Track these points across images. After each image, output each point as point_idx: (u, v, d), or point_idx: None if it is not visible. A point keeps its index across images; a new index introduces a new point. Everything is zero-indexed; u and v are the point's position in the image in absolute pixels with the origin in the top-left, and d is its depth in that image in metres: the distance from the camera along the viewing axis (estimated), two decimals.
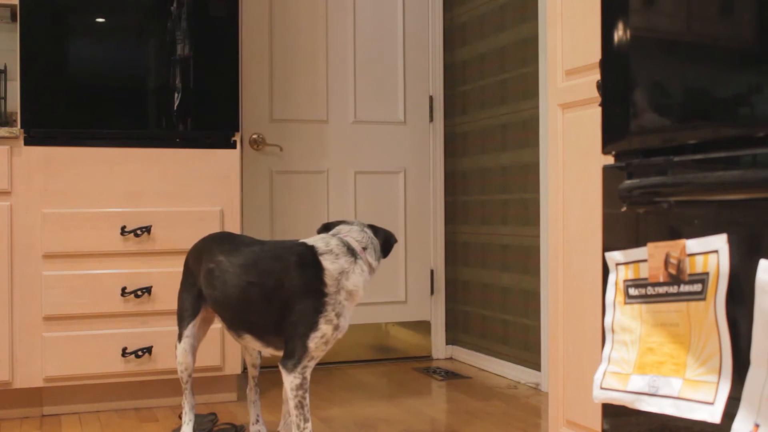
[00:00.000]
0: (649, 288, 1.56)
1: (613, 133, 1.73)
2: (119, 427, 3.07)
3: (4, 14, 3.65)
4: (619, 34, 1.70)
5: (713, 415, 1.41)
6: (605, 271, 1.70)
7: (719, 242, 1.42)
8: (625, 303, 1.62)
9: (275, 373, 3.82)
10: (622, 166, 1.68)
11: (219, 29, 3.40)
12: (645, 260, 1.57)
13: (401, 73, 4.38)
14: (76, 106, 3.26)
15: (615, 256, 1.66)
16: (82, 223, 3.21)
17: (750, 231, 1.39)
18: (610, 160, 1.78)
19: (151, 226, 3.28)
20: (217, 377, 3.42)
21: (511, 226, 3.90)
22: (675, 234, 1.54)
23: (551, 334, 2.47)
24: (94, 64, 3.29)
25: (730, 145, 1.43)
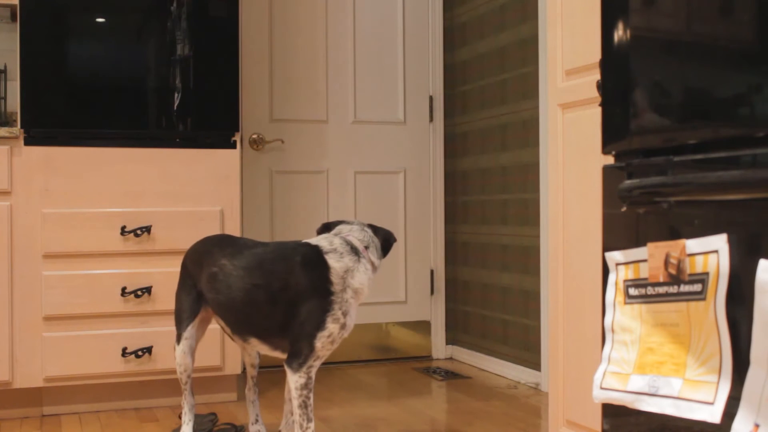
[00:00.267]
0: (649, 288, 1.56)
1: (613, 133, 1.73)
2: (119, 427, 3.07)
3: (4, 14, 3.65)
4: (619, 34, 1.70)
5: (713, 415, 1.41)
6: (605, 271, 1.70)
7: (719, 242, 1.42)
8: (625, 303, 1.62)
9: (274, 373, 3.83)
10: (622, 166, 1.68)
11: (219, 29, 3.40)
12: (645, 260, 1.57)
13: (401, 73, 4.38)
14: (76, 106, 3.26)
15: (615, 256, 1.66)
16: (82, 223, 3.21)
17: (750, 231, 1.39)
18: (610, 160, 1.78)
19: (151, 226, 3.28)
20: (216, 377, 3.42)
21: (511, 226, 3.90)
22: (675, 234, 1.54)
23: (551, 334, 2.47)
24: (94, 64, 3.29)
25: (730, 145, 1.43)
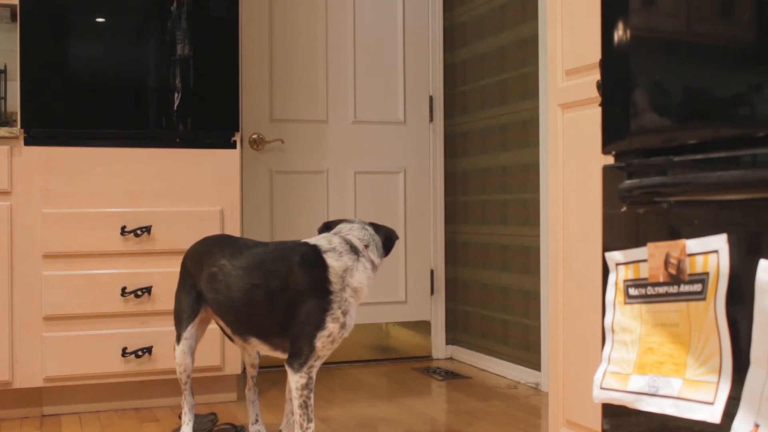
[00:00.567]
0: (649, 288, 1.56)
1: (613, 133, 1.73)
2: (119, 427, 3.07)
3: (4, 14, 3.64)
4: (619, 34, 1.70)
5: (713, 415, 1.41)
6: (605, 271, 1.70)
7: (719, 242, 1.42)
8: (625, 303, 1.62)
9: (274, 373, 3.83)
10: (622, 166, 1.68)
11: (219, 29, 3.40)
12: (645, 260, 1.57)
13: (401, 73, 4.38)
14: (76, 106, 3.26)
15: (615, 256, 1.66)
16: (82, 223, 3.21)
17: (750, 231, 1.39)
18: (610, 160, 1.78)
19: (151, 226, 3.28)
20: (216, 377, 3.42)
21: (511, 226, 3.90)
22: (675, 234, 1.54)
23: (551, 334, 2.47)
24: (94, 64, 3.29)
25: (730, 145, 1.43)
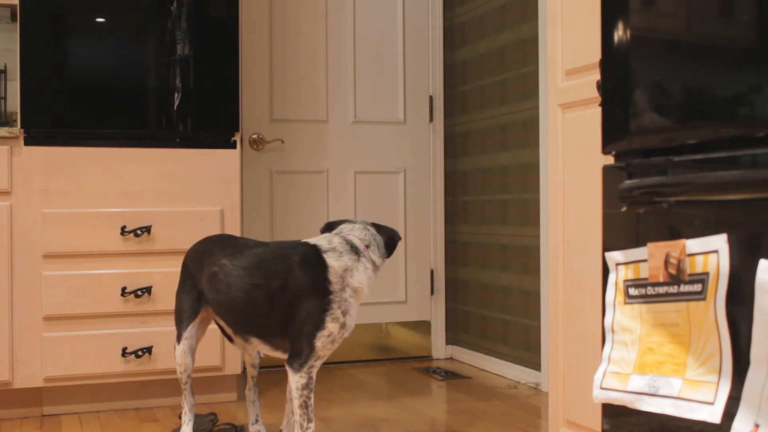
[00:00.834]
0: (649, 288, 1.56)
1: (613, 133, 1.73)
2: (119, 427, 3.07)
3: (4, 14, 3.64)
4: (619, 34, 1.70)
5: (713, 415, 1.41)
6: (605, 271, 1.70)
7: (719, 242, 1.42)
8: (625, 303, 1.62)
9: (275, 373, 3.83)
10: (622, 166, 1.68)
11: (219, 29, 3.40)
12: (645, 260, 1.57)
13: (401, 73, 4.38)
14: (76, 106, 3.26)
15: (615, 256, 1.66)
16: (82, 223, 3.21)
17: (750, 231, 1.39)
18: (610, 160, 1.78)
19: (151, 226, 3.28)
20: (216, 377, 3.42)
21: (511, 226, 3.90)
22: (675, 234, 1.54)
23: (551, 334, 2.47)
24: (94, 64, 3.29)
25: (730, 145, 1.43)
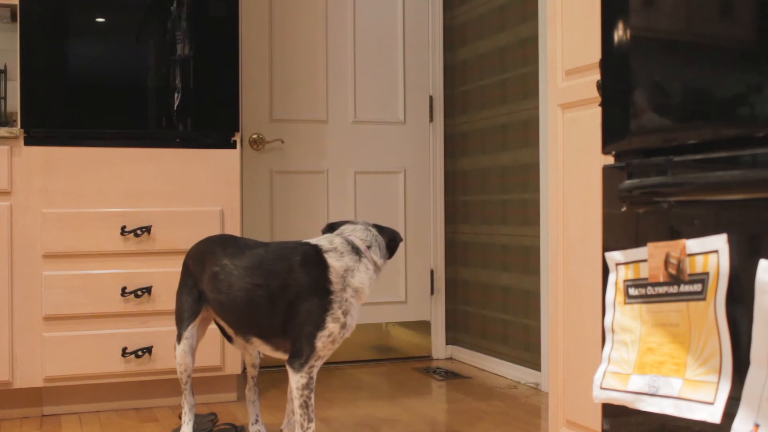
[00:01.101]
0: (649, 288, 1.56)
1: (613, 133, 1.73)
2: (119, 427, 3.07)
3: (4, 14, 3.64)
4: (619, 34, 1.70)
5: (713, 415, 1.41)
6: (605, 271, 1.70)
7: (719, 242, 1.42)
8: (625, 303, 1.62)
9: (275, 373, 3.83)
10: (622, 166, 1.68)
11: (219, 29, 3.40)
12: (645, 260, 1.57)
13: (401, 73, 4.38)
14: (76, 106, 3.26)
15: (615, 256, 1.66)
16: (82, 223, 3.21)
17: (750, 231, 1.39)
18: (610, 160, 1.78)
19: (151, 226, 3.28)
20: (217, 377, 3.42)
21: (511, 226, 3.90)
22: (675, 234, 1.54)
23: (551, 334, 2.47)
24: (94, 64, 3.29)
25: (730, 145, 1.43)
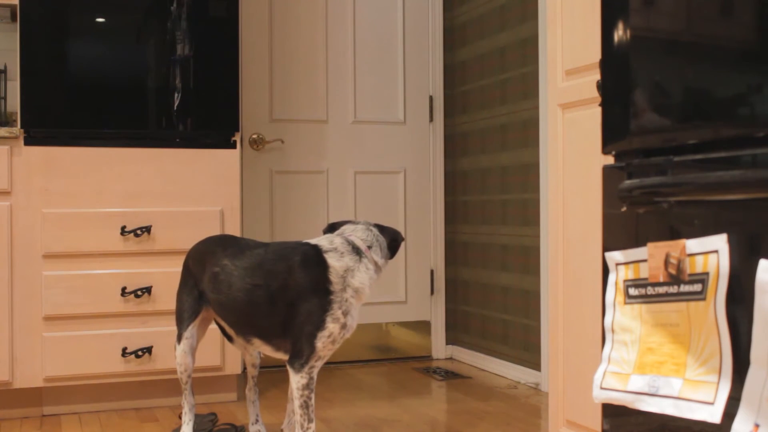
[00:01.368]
0: (649, 288, 1.56)
1: (613, 133, 1.73)
2: (119, 427, 3.07)
3: (4, 14, 3.64)
4: (619, 34, 1.70)
5: (713, 415, 1.41)
6: (605, 271, 1.70)
7: (719, 242, 1.42)
8: (625, 303, 1.62)
9: (275, 373, 3.83)
10: (622, 166, 1.68)
11: (219, 29, 3.40)
12: (645, 260, 1.57)
13: (401, 73, 4.38)
14: (76, 106, 3.26)
15: (615, 256, 1.66)
16: (82, 223, 3.21)
17: (750, 231, 1.39)
18: (610, 160, 1.78)
19: (151, 226, 3.28)
20: (217, 377, 3.42)
21: (511, 226, 3.90)
22: (675, 234, 1.54)
23: (551, 334, 2.47)
24: (94, 64, 3.29)
25: (730, 145, 1.43)
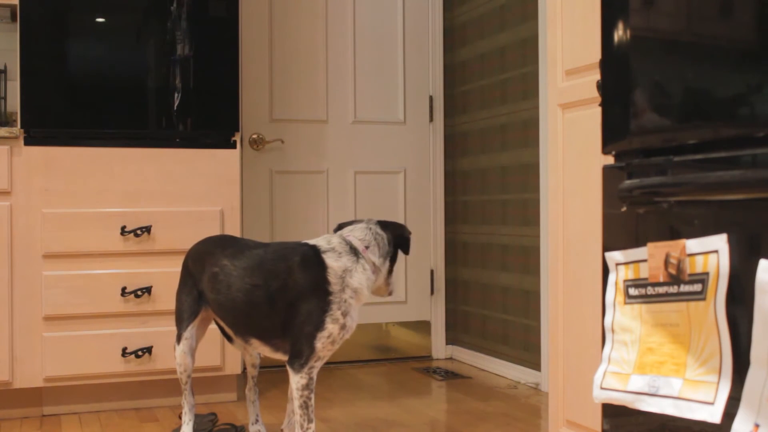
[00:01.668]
0: (649, 288, 1.56)
1: (613, 133, 1.73)
2: (119, 427, 3.07)
3: (4, 14, 3.64)
4: (619, 34, 1.70)
5: (713, 415, 1.41)
6: (605, 271, 1.70)
7: (719, 242, 1.42)
8: (625, 303, 1.62)
9: (275, 373, 3.83)
10: (622, 166, 1.68)
11: (219, 29, 3.40)
12: (645, 260, 1.57)
13: (401, 73, 4.38)
14: (76, 106, 3.26)
15: (615, 256, 1.66)
16: (82, 223, 3.21)
17: (750, 231, 1.39)
18: (610, 160, 1.78)
19: (151, 226, 3.28)
20: (217, 377, 3.42)
21: (511, 226, 3.90)
22: (675, 234, 1.54)
23: (551, 334, 2.47)
24: (94, 64, 3.29)
25: (730, 145, 1.43)
